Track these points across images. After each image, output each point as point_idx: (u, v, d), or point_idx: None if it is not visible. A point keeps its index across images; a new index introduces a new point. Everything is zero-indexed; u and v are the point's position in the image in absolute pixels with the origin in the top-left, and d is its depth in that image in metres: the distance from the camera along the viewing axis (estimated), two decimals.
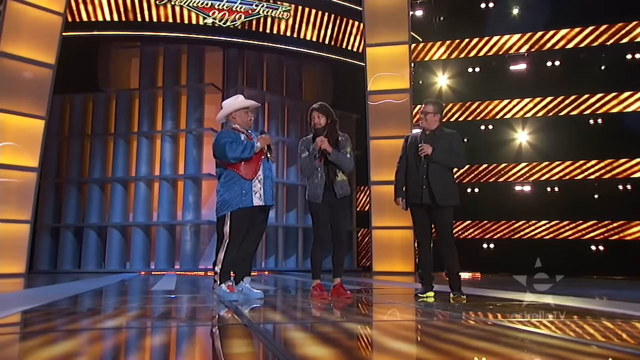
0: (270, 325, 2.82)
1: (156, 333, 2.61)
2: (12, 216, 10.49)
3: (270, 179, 4.16)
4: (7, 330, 2.73)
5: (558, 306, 3.61)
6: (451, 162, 4.31)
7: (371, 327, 2.66)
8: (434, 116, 4.33)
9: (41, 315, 3.34)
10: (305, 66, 14.98)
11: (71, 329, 2.67)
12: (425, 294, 4.24)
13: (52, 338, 2.36)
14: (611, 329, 2.64)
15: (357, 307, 3.66)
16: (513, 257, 12.29)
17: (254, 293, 4.07)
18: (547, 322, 2.77)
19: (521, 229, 12.80)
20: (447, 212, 4.26)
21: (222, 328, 2.74)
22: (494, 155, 12.96)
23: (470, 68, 12.96)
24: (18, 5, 10.41)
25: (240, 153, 4.05)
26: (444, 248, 4.27)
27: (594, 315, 3.19)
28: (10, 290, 6.65)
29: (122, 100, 13.77)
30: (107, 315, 3.38)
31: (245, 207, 4.00)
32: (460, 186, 13.19)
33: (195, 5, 12.78)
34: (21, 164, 10.55)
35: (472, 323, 2.87)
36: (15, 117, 10.45)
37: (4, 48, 10.27)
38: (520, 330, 2.50)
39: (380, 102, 12.04)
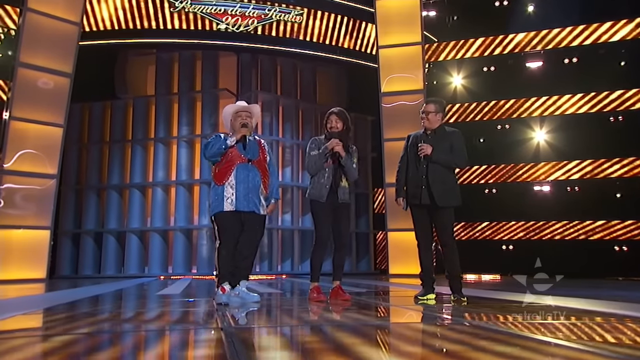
0: (247, 329, 2.79)
1: (123, 336, 2.60)
2: (33, 222, 10.72)
3: (246, 184, 4.05)
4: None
5: (573, 310, 3.51)
6: (451, 162, 4.22)
7: (348, 331, 2.60)
8: (435, 115, 4.26)
9: (42, 316, 3.39)
10: (319, 69, 14.99)
11: (48, 334, 2.69)
12: (425, 297, 4.18)
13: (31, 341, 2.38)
14: (615, 330, 2.55)
15: (349, 311, 3.60)
16: (533, 259, 12.06)
17: (250, 296, 4.05)
18: (539, 324, 2.69)
19: (541, 229, 12.56)
20: (447, 213, 4.18)
21: (196, 331, 2.71)
22: (511, 155, 12.75)
23: (485, 67, 12.78)
24: (36, 16, 10.66)
25: (210, 149, 4.08)
26: (444, 249, 4.19)
27: (596, 316, 3.09)
28: (29, 294, 6.78)
29: (139, 106, 13.97)
30: (88, 319, 3.40)
31: (219, 212, 4.05)
32: (478, 187, 13.06)
33: (208, 11, 12.91)
34: (41, 171, 10.78)
35: (459, 326, 2.80)
36: (35, 125, 10.69)
37: (23, 58, 10.54)
38: (512, 334, 2.44)
39: (394, 104, 11.98)
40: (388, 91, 12.03)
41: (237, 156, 4.08)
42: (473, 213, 13.19)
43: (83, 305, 4.70)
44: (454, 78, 13.09)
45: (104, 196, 14.08)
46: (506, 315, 3.23)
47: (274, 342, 2.35)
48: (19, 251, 10.49)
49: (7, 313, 3.72)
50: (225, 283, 3.97)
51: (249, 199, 4.05)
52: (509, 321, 2.89)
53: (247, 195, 4.04)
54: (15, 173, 10.47)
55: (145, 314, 3.78)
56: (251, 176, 4.10)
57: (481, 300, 4.47)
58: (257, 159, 4.18)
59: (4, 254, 10.32)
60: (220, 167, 4.09)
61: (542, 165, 12.47)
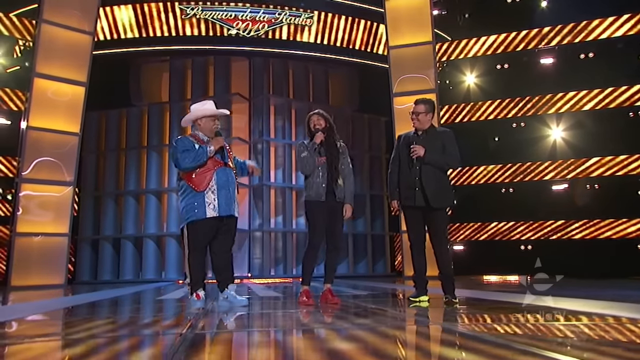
0: (216, 333, 2.76)
1: (80, 342, 2.59)
2: (51, 229, 10.90)
3: (227, 188, 4.01)
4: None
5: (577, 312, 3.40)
6: (444, 163, 4.14)
7: (309, 336, 2.56)
8: (425, 115, 4.19)
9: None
10: (331, 71, 14.98)
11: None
12: (418, 298, 4.10)
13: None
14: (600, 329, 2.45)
15: (333, 315, 3.54)
16: (552, 258, 11.83)
17: (238, 300, 4.01)
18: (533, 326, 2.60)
19: (560, 228, 12.29)
20: (441, 214, 4.10)
21: (158, 336, 2.68)
22: (527, 153, 12.54)
23: (498, 65, 12.60)
24: (51, 27, 10.87)
25: (191, 161, 3.94)
26: (437, 251, 4.11)
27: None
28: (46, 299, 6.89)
29: (153, 113, 14.15)
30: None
31: (198, 220, 3.94)
32: (494, 186, 12.86)
33: (219, 17, 13.02)
34: (58, 179, 10.98)
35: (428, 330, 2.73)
36: (51, 134, 10.90)
37: (38, 69, 10.75)
38: (485, 340, 2.36)
39: (406, 105, 11.85)
40: (400, 91, 11.93)
41: (214, 161, 4.03)
42: (489, 213, 13.00)
43: (79, 311, 4.75)
44: (467, 77, 12.94)
45: (121, 202, 14.29)
46: (492, 318, 3.14)
47: (222, 349, 2.32)
48: (38, 258, 10.68)
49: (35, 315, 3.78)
50: (200, 289, 3.95)
51: (229, 203, 4.01)
52: (489, 324, 2.80)
53: (227, 199, 4.00)
54: (33, 181, 10.68)
55: (116, 318, 3.79)
56: (230, 179, 4.06)
57: (477, 302, 4.37)
58: (229, 161, 4.15)
59: (24, 261, 10.52)
60: (197, 172, 3.99)
61: (559, 163, 12.22)
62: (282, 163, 13.68)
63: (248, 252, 13.34)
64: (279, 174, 13.65)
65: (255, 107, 13.79)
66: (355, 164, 15.07)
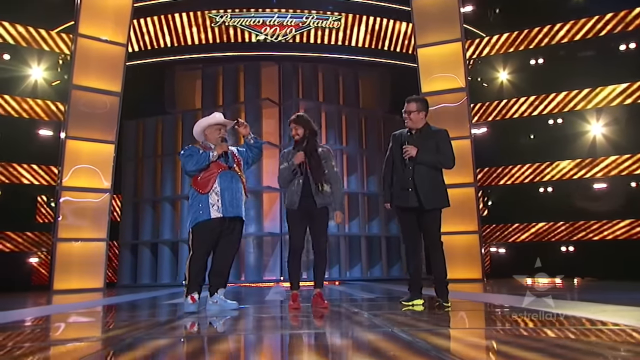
0: (194, 337, 2.76)
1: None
2: (90, 235, 11.33)
3: (231, 190, 4.10)
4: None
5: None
6: (437, 163, 4.04)
7: (270, 341, 2.53)
8: (418, 114, 4.09)
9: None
10: (361, 73, 14.89)
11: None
12: (411, 302, 3.98)
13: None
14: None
15: (308, 319, 3.51)
16: (596, 260, 11.31)
17: (228, 304, 4.05)
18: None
19: (603, 229, 11.73)
20: (435, 215, 3.99)
21: (130, 341, 2.71)
22: (566, 151, 12.04)
23: (532, 60, 12.16)
24: (86, 41, 11.35)
25: (194, 164, 4.10)
26: (431, 253, 4.00)
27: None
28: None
29: (187, 120, 14.45)
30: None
31: (204, 221, 4.01)
32: (532, 186, 12.42)
33: (247, 24, 13.20)
34: (96, 186, 11.40)
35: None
36: (89, 143, 11.34)
37: (75, 81, 11.23)
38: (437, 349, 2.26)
39: (436, 107, 11.61)
40: (429, 91, 11.70)
41: (218, 164, 4.14)
42: (527, 214, 12.58)
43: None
44: (500, 73, 12.56)
45: (158, 208, 14.68)
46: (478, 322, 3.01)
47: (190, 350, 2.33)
48: (78, 262, 11.12)
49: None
50: (195, 292, 3.98)
51: (234, 204, 4.09)
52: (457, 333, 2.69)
53: (232, 201, 4.08)
54: (72, 189, 11.15)
55: (108, 323, 3.87)
56: (234, 182, 4.14)
57: (475, 307, 4.21)
58: (235, 165, 4.21)
59: (65, 265, 10.98)
60: (202, 176, 4.12)
61: (600, 160, 11.66)
62: None
63: (280, 255, 13.42)
64: None
65: (285, 111, 13.88)
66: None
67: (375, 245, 14.48)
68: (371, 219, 14.48)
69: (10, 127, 11.88)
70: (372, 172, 14.55)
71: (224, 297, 4.07)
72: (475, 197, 11.52)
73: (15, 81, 12.03)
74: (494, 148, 12.52)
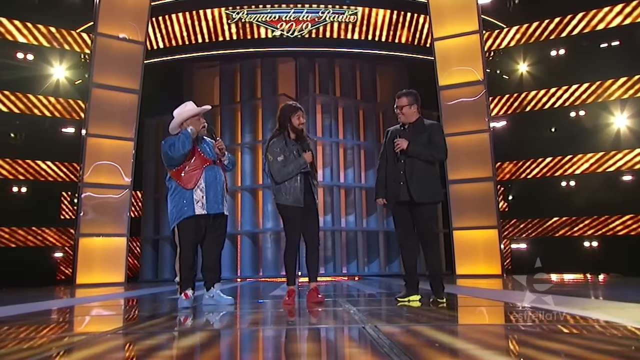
0: (171, 333, 2.78)
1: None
2: (110, 230, 11.56)
3: (215, 186, 4.04)
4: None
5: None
6: (429, 156, 3.98)
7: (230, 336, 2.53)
8: (410, 108, 4.04)
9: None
10: (379, 67, 14.77)
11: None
12: (406, 298, 3.93)
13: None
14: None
15: (291, 316, 3.51)
16: (621, 256, 11.02)
17: (224, 299, 4.04)
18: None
19: (627, 224, 11.41)
20: (427, 209, 3.92)
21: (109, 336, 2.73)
22: (589, 144, 11.74)
23: (553, 51, 11.86)
24: (105, 40, 11.54)
25: (180, 148, 4.03)
26: (425, 248, 3.94)
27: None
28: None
29: (205, 117, 14.55)
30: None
31: (188, 217, 3.97)
32: (553, 180, 12.15)
33: (263, 20, 13.22)
34: (116, 183, 11.61)
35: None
36: (109, 140, 11.55)
37: (95, 79, 11.44)
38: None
39: (454, 101, 11.45)
40: (446, 84, 11.56)
41: (203, 159, 4.09)
42: (550, 208, 12.33)
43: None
44: (520, 65, 12.30)
45: None
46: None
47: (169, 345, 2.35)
48: (100, 257, 11.36)
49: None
50: (188, 289, 3.98)
51: (218, 200, 4.05)
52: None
53: (216, 197, 4.04)
54: (93, 185, 11.38)
55: (99, 319, 3.93)
56: (218, 177, 4.10)
57: (473, 302, 4.13)
58: (218, 159, 4.17)
59: (87, 260, 11.24)
60: (186, 171, 4.08)
61: (625, 153, 11.32)
62: (330, 162, 13.67)
63: (297, 251, 13.45)
64: (326, 172, 13.64)
65: (302, 106, 13.85)
66: None
67: (394, 240, 14.37)
68: (389, 214, 14.38)
69: (34, 126, 12.20)
70: None
71: (220, 292, 4.08)
72: (494, 191, 11.33)
73: (39, 81, 12.33)
74: (514, 142, 12.29)
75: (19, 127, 12.13)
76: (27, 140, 12.18)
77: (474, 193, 11.38)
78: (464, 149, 11.15)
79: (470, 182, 11.34)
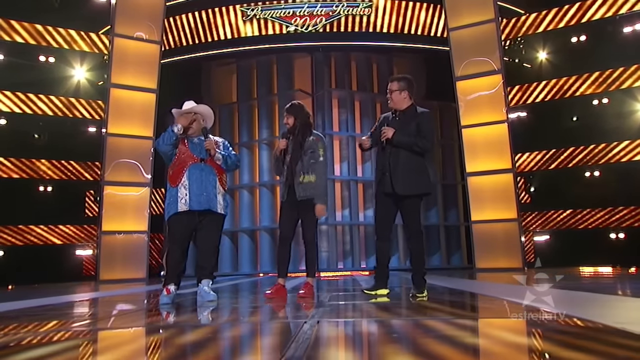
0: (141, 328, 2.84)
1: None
2: (131, 227, 11.79)
3: (200, 182, 3.99)
4: None
5: None
6: (414, 146, 3.79)
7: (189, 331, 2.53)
8: (400, 94, 3.91)
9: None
10: (395, 60, 14.62)
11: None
12: (374, 291, 3.82)
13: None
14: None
15: (281, 308, 3.52)
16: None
17: (207, 296, 4.03)
18: None
19: None
20: (411, 202, 3.79)
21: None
22: (613, 132, 11.37)
23: (574, 37, 11.50)
24: (122, 40, 11.74)
25: (162, 143, 4.10)
26: (409, 243, 3.85)
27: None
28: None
29: (224, 114, 14.74)
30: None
31: (174, 214, 3.99)
32: (576, 170, 11.82)
33: (277, 16, 13.23)
34: (136, 180, 11.83)
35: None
36: (128, 139, 11.76)
37: (114, 79, 11.66)
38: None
39: (472, 96, 11.22)
40: (463, 75, 11.34)
41: (189, 157, 4.06)
42: (574, 199, 12.01)
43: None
44: (539, 53, 11.99)
45: None
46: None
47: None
48: (122, 254, 11.61)
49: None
50: (171, 285, 3.99)
51: (202, 197, 4.02)
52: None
53: (200, 194, 4.01)
54: (114, 183, 11.61)
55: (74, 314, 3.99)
56: (204, 175, 4.06)
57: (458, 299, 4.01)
58: (209, 158, 4.13)
59: (109, 257, 11.50)
60: (173, 168, 4.09)
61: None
62: (347, 156, 13.62)
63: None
64: (344, 167, 13.61)
65: (318, 101, 13.85)
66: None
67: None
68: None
69: (59, 126, 12.56)
70: None
71: (206, 289, 4.07)
72: (513, 183, 11.08)
73: (62, 82, 12.67)
74: (534, 132, 11.99)
75: (43, 128, 12.50)
76: (53, 141, 12.54)
77: (493, 185, 11.16)
78: (482, 140, 10.95)
79: (489, 174, 11.12)
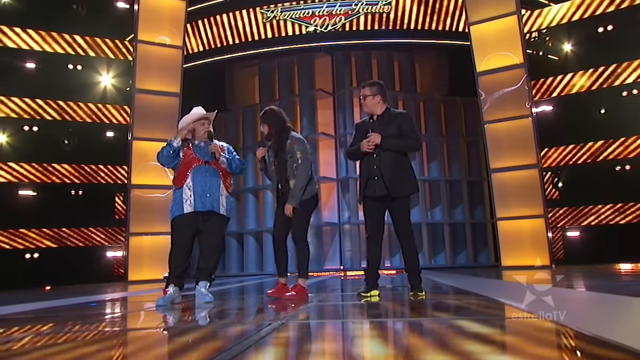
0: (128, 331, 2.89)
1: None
2: (158, 229, 12.05)
3: (204, 184, 4.02)
4: None
5: None
6: (404, 147, 3.82)
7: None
8: (373, 98, 3.90)
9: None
10: (417, 57, 14.49)
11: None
12: (368, 293, 3.81)
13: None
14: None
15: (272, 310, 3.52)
16: None
17: (203, 297, 4.04)
18: None
19: None
20: (402, 202, 3.79)
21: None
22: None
23: (600, 27, 11.14)
24: (146, 46, 12.02)
25: (161, 156, 4.18)
26: (401, 241, 3.82)
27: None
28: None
29: (247, 115, 14.91)
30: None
31: (178, 216, 4.03)
32: (605, 165, 11.44)
33: (297, 16, 13.29)
34: (162, 183, 12.08)
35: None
36: (153, 143, 12.01)
37: (138, 85, 11.95)
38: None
39: (496, 94, 11.02)
40: (484, 70, 11.16)
41: (193, 159, 4.12)
42: (602, 195, 11.65)
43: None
44: (564, 45, 11.65)
45: None
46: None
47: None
48: (149, 255, 11.89)
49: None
50: (170, 286, 4.02)
51: (206, 198, 4.06)
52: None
53: (204, 195, 4.05)
54: (140, 186, 11.92)
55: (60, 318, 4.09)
56: (209, 176, 4.10)
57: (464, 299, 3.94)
58: (213, 160, 4.17)
59: (137, 258, 11.80)
60: (177, 170, 4.16)
61: None
62: None
63: (339, 245, 13.49)
64: None
65: (339, 101, 13.87)
66: (451, 149, 14.52)
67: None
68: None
69: (87, 132, 12.90)
70: (433, 157, 14.16)
71: (203, 290, 4.10)
72: (539, 179, 10.84)
73: (91, 88, 13.02)
74: (561, 126, 11.67)
75: (72, 134, 12.87)
76: (82, 146, 12.89)
77: (518, 181, 10.95)
78: (505, 135, 10.76)
79: (514, 170, 10.92)
